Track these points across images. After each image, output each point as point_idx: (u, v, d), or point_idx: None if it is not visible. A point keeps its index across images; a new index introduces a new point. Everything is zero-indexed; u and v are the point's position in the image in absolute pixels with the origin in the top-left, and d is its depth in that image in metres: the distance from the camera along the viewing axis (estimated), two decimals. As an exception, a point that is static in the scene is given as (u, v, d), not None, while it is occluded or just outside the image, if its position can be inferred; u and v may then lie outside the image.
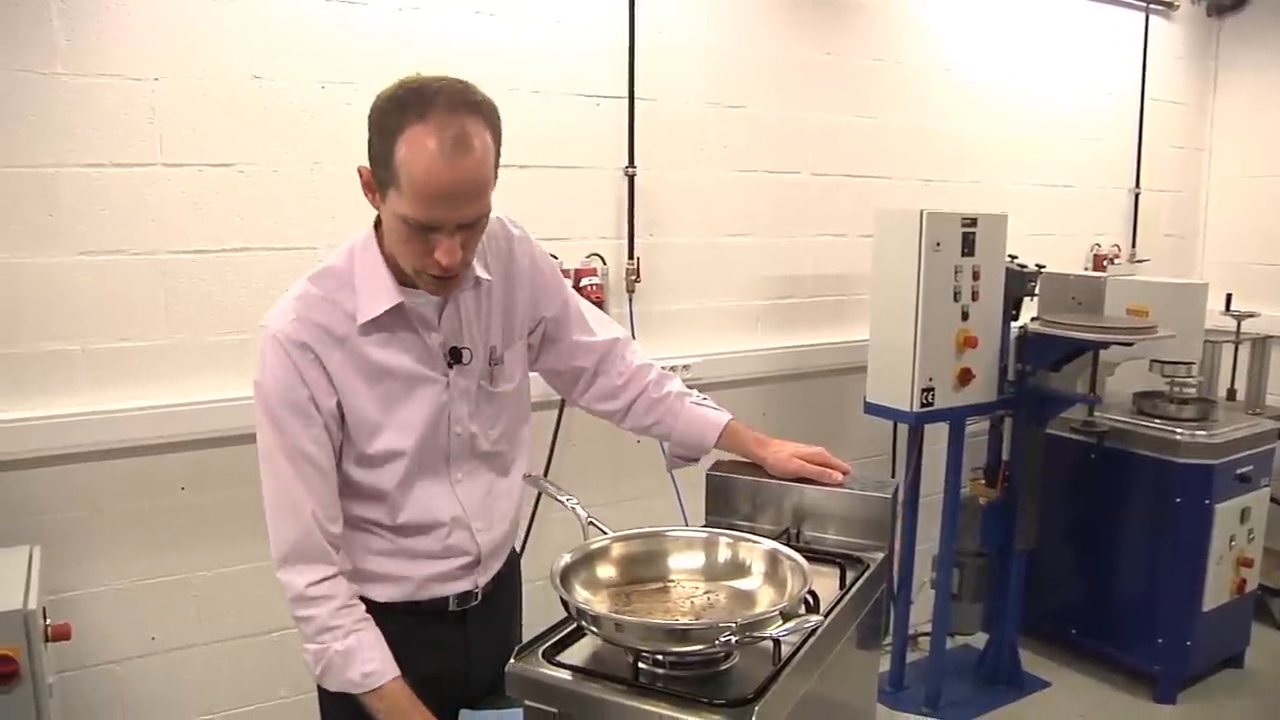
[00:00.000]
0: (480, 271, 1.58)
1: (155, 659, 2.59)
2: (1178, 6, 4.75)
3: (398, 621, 1.65)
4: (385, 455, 1.57)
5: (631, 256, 3.19)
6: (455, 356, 1.59)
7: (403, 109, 1.35)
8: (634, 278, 3.18)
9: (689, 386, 1.89)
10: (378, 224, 1.53)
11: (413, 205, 1.35)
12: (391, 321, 1.53)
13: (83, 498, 2.45)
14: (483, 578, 1.72)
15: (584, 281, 3.05)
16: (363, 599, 1.66)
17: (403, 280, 1.52)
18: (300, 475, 1.51)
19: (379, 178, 1.39)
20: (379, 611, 1.65)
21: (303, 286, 1.52)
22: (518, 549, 1.90)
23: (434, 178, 1.33)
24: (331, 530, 1.55)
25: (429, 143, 1.32)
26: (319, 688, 1.77)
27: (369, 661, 1.51)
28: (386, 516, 1.62)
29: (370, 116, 1.39)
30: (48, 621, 2.04)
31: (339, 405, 1.52)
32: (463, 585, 1.69)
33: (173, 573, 2.58)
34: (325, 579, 1.53)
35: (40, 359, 2.37)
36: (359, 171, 1.45)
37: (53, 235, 2.34)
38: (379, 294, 1.50)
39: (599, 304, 3.09)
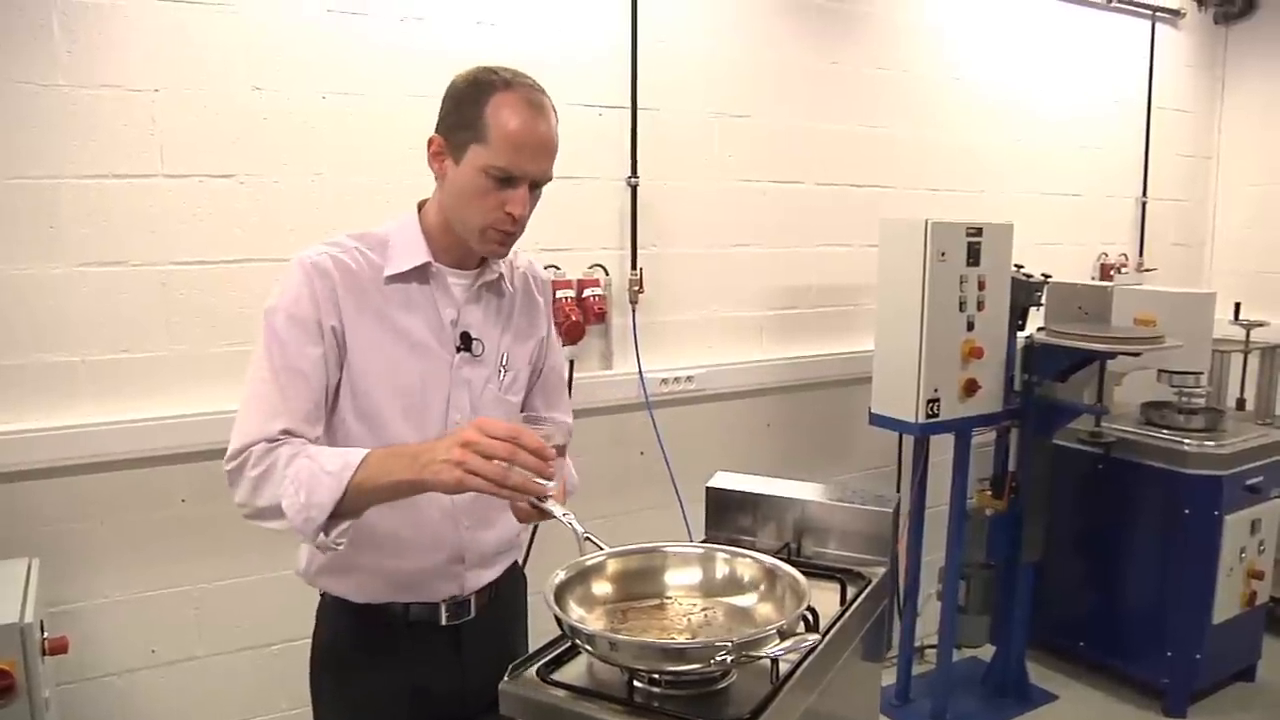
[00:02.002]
0: (505, 283, 1.70)
1: (155, 671, 2.57)
2: (1184, 14, 4.73)
3: (388, 631, 1.66)
4: (380, 409, 1.58)
5: (635, 267, 3.17)
6: (466, 343, 1.64)
7: (489, 81, 1.51)
8: (637, 288, 3.17)
9: (694, 397, 1.88)
10: (420, 206, 1.65)
11: (501, 154, 1.49)
12: (415, 286, 1.60)
13: (82, 509, 2.44)
14: (471, 583, 1.70)
15: (586, 293, 3.04)
16: (349, 602, 1.67)
17: (435, 257, 1.61)
18: (282, 389, 1.50)
19: (457, 140, 1.52)
20: (367, 616, 1.66)
21: (338, 237, 1.61)
22: (521, 566, 1.89)
23: (525, 130, 1.49)
24: (310, 436, 1.52)
25: (519, 102, 1.50)
26: (313, 699, 1.76)
27: (341, 453, 1.43)
28: None
29: (449, 93, 1.56)
30: (45, 635, 2.03)
31: (343, 335, 1.55)
32: (449, 587, 1.68)
33: (173, 585, 2.57)
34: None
35: (40, 370, 2.36)
36: (429, 141, 1.56)
37: (53, 247, 2.34)
38: (411, 253, 1.59)
39: (601, 315, 3.08)
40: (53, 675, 2.15)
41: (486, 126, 1.48)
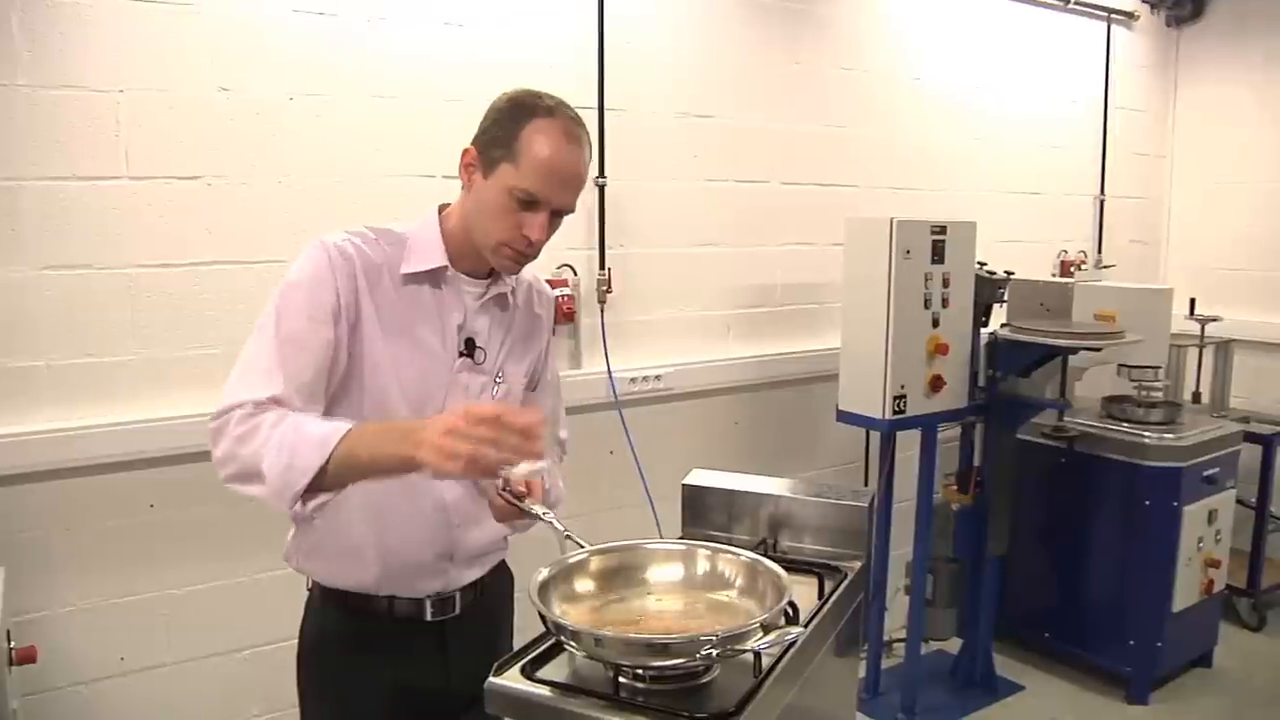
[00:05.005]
0: (511, 297, 1.70)
1: (124, 680, 2.54)
2: (1138, 17, 4.82)
3: (374, 627, 1.66)
4: (389, 405, 1.57)
5: (603, 267, 3.18)
6: (469, 349, 1.64)
7: (532, 105, 1.54)
8: (605, 288, 3.18)
9: (662, 396, 1.88)
10: (440, 210, 1.65)
11: (530, 178, 1.50)
12: (427, 289, 1.61)
13: (49, 517, 2.40)
14: (456, 580, 1.71)
15: (555, 293, 3.03)
16: (336, 596, 1.67)
17: (451, 263, 1.62)
18: (283, 358, 1.47)
19: (490, 156, 1.53)
20: (354, 611, 1.66)
21: (358, 228, 1.60)
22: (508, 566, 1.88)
23: (557, 158, 1.51)
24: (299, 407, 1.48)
25: (556, 132, 1.51)
26: (299, 694, 1.75)
27: (329, 422, 1.40)
28: None
29: (490, 109, 1.57)
30: (12, 645, 2.00)
31: (357, 323, 1.54)
32: (434, 583, 1.68)
33: (141, 591, 2.54)
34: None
35: (3, 376, 2.32)
36: (464, 152, 1.58)
37: (15, 249, 2.30)
38: (429, 254, 1.60)
39: (570, 315, 3.09)
40: (20, 686, 2.11)
41: (520, 149, 1.50)
